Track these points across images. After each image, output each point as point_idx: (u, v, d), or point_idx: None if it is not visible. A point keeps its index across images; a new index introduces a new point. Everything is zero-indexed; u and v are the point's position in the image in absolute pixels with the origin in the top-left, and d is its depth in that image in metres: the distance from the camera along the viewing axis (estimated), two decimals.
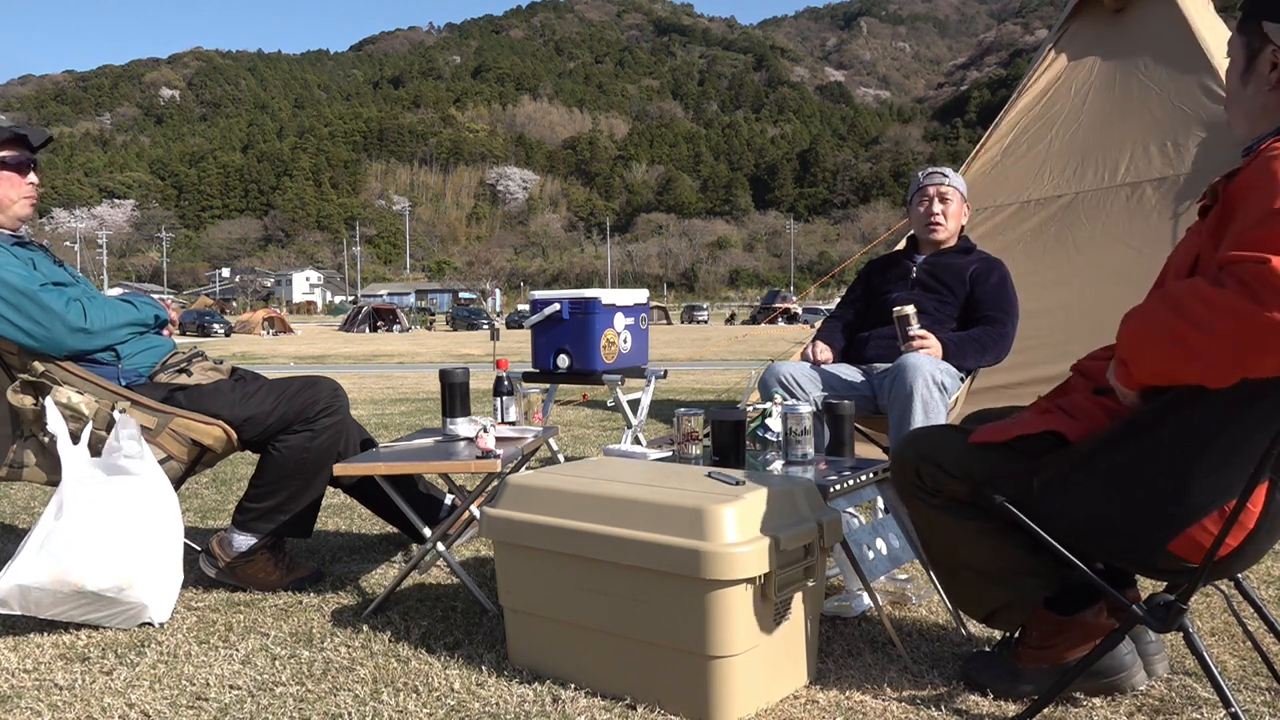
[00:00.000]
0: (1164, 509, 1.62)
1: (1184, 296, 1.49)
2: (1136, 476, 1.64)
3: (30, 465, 2.56)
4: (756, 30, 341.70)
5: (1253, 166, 1.54)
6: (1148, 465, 1.62)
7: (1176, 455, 1.60)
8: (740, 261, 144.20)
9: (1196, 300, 1.47)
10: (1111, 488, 1.66)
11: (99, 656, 2.19)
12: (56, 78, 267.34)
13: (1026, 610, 1.87)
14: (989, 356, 3.17)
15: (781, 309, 40.98)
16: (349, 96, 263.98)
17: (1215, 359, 1.46)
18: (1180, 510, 1.60)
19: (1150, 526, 1.63)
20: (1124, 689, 1.83)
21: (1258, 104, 1.65)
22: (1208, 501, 1.59)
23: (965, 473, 1.81)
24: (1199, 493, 1.59)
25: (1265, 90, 1.64)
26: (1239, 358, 1.44)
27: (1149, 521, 1.63)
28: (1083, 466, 1.69)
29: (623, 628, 1.88)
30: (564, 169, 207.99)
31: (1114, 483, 1.66)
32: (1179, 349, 1.50)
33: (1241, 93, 1.68)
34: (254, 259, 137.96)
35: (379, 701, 1.91)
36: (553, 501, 1.99)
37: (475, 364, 14.89)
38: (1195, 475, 1.59)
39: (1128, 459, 1.65)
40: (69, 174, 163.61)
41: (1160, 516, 1.62)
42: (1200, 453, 1.58)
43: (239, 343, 29.63)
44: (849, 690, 1.94)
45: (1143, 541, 1.65)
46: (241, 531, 2.68)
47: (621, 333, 4.22)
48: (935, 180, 3.40)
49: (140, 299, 2.82)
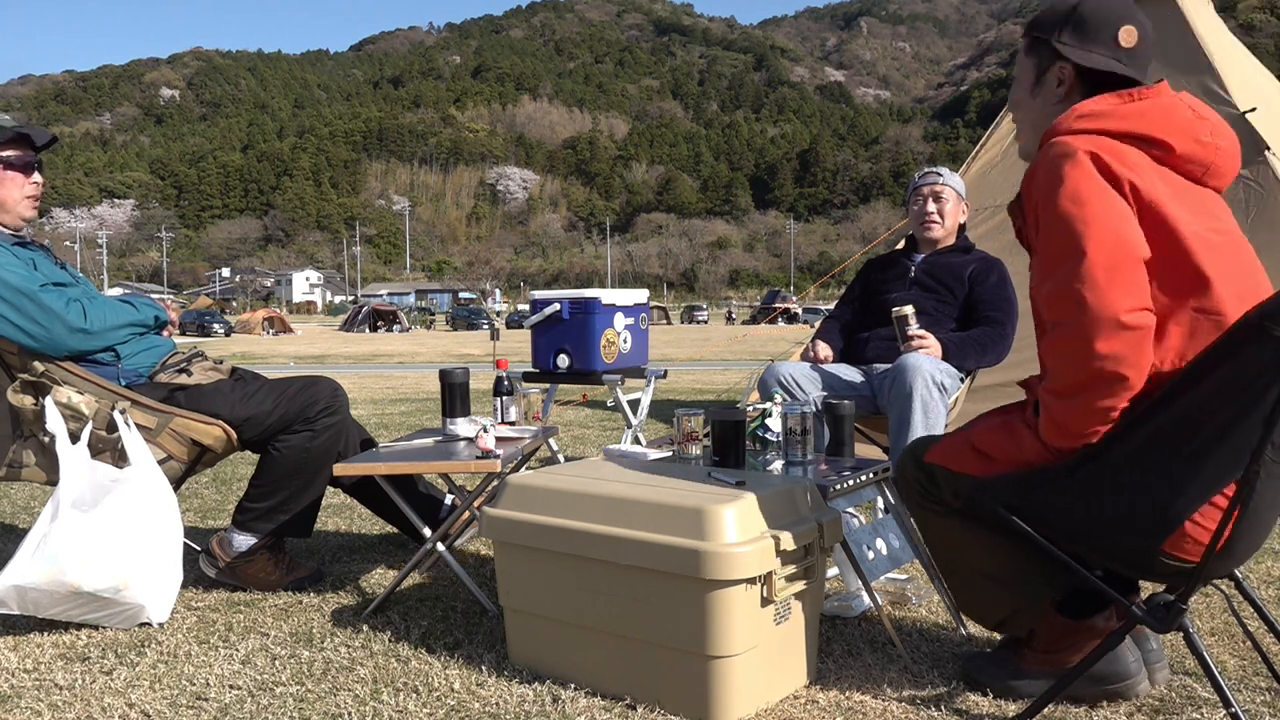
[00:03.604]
0: (1154, 508, 1.62)
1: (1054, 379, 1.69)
2: (1125, 478, 1.64)
3: (30, 465, 2.56)
4: (756, 30, 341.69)
5: (1038, 172, 1.70)
6: (1134, 467, 1.63)
7: (1161, 454, 1.61)
8: (740, 261, 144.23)
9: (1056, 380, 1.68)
10: (1103, 491, 1.66)
11: (99, 656, 2.19)
12: (56, 78, 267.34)
13: (1036, 614, 1.88)
14: (989, 357, 3.17)
15: (781, 309, 40.96)
16: (349, 96, 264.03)
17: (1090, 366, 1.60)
18: (1170, 508, 1.61)
19: (1143, 526, 1.63)
20: (1127, 696, 1.82)
21: (1045, 115, 1.83)
22: (1197, 496, 1.59)
23: (959, 487, 1.83)
24: (1187, 490, 1.60)
25: (1052, 104, 1.83)
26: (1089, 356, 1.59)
27: (1141, 521, 1.63)
28: (1075, 471, 1.70)
29: (623, 628, 1.88)
30: (564, 169, 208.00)
31: (1105, 486, 1.66)
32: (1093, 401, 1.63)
33: (1030, 105, 1.87)
34: (254, 259, 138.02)
35: (379, 701, 1.91)
36: (553, 501, 1.99)
37: (475, 364, 14.89)
38: (1181, 472, 1.59)
39: (1116, 461, 1.65)
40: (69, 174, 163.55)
41: (1151, 516, 1.62)
42: (1184, 450, 1.59)
43: (239, 343, 29.63)
44: (849, 690, 1.94)
45: (1137, 542, 1.65)
46: (241, 531, 2.68)
47: (621, 333, 4.21)
48: (930, 180, 3.41)
49: (140, 300, 2.82)
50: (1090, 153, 1.65)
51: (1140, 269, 1.61)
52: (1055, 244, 1.65)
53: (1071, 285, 1.60)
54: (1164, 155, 1.71)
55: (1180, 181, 1.72)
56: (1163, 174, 1.70)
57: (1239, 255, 1.71)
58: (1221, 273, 1.64)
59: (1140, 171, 1.66)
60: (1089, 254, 1.59)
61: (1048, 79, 1.84)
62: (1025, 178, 1.76)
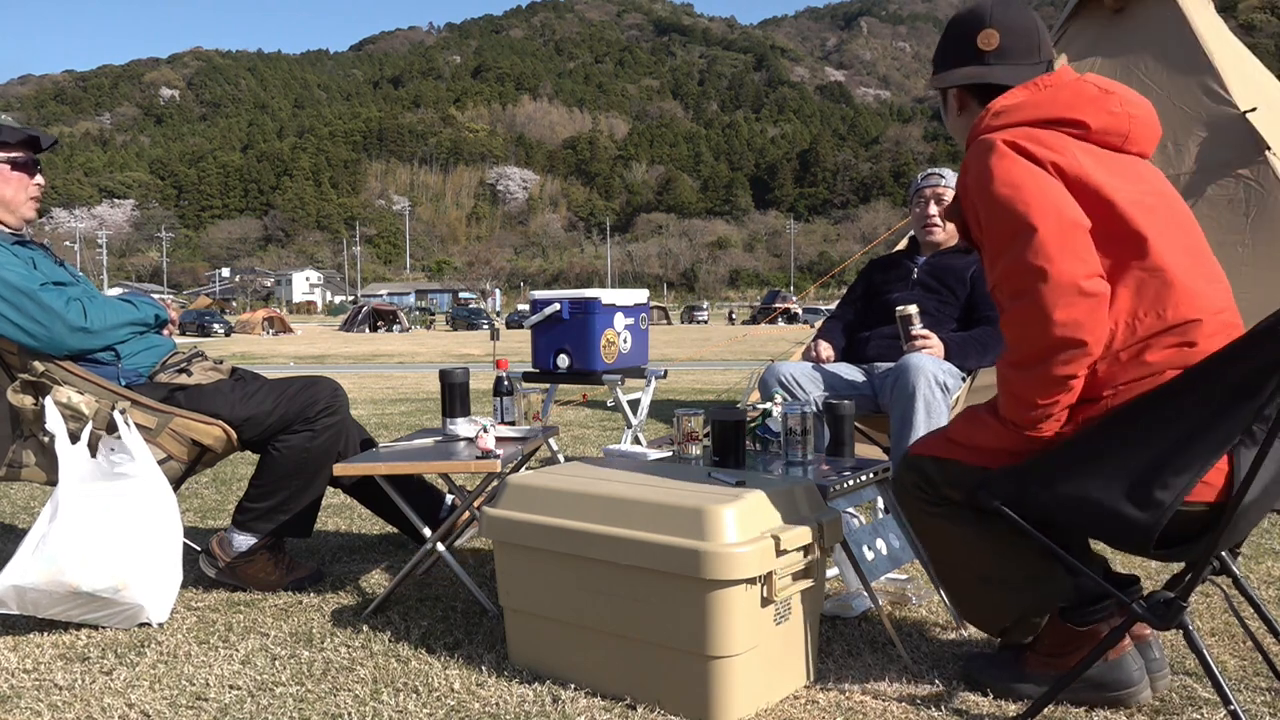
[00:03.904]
0: (1151, 480, 1.62)
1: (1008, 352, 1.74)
2: (1121, 453, 1.64)
3: (30, 465, 2.56)
4: (756, 30, 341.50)
5: (969, 171, 1.80)
6: (1131, 440, 1.64)
7: (1156, 429, 1.62)
8: (740, 261, 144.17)
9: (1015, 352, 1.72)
10: (1099, 468, 1.66)
11: (99, 656, 2.19)
12: (56, 78, 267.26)
13: (1041, 618, 1.88)
14: (991, 357, 3.17)
15: (781, 309, 40.95)
16: (349, 96, 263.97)
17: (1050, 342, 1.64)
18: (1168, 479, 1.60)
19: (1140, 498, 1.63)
20: (1129, 704, 1.82)
21: (959, 129, 2.01)
22: (1194, 464, 1.59)
23: (958, 481, 1.84)
24: (1183, 461, 1.59)
25: (955, 118, 2.01)
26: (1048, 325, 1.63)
27: (1139, 493, 1.63)
28: (1069, 452, 1.70)
29: (623, 628, 1.88)
30: (564, 169, 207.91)
31: (1101, 462, 1.66)
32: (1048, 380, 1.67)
33: (954, 128, 2.04)
34: (254, 259, 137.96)
35: (379, 701, 1.91)
36: (553, 501, 1.99)
37: (475, 364, 14.89)
38: (1176, 446, 1.60)
39: (1110, 439, 1.66)
40: (69, 174, 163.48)
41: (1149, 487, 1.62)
42: (1177, 423, 1.60)
43: (239, 343, 29.63)
44: (849, 690, 1.94)
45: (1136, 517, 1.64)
46: (241, 531, 2.68)
47: (621, 333, 4.21)
48: (932, 182, 3.40)
49: (140, 299, 2.82)
50: (1008, 141, 1.74)
51: (1087, 237, 1.67)
52: (1002, 229, 1.70)
53: (1026, 259, 1.65)
54: (1083, 133, 1.80)
55: (1104, 153, 1.79)
56: (1085, 149, 1.77)
57: (1174, 214, 1.79)
58: (1159, 231, 1.71)
59: (1061, 150, 1.74)
60: (1039, 229, 1.64)
61: (949, 104, 2.01)
62: (958, 182, 1.86)
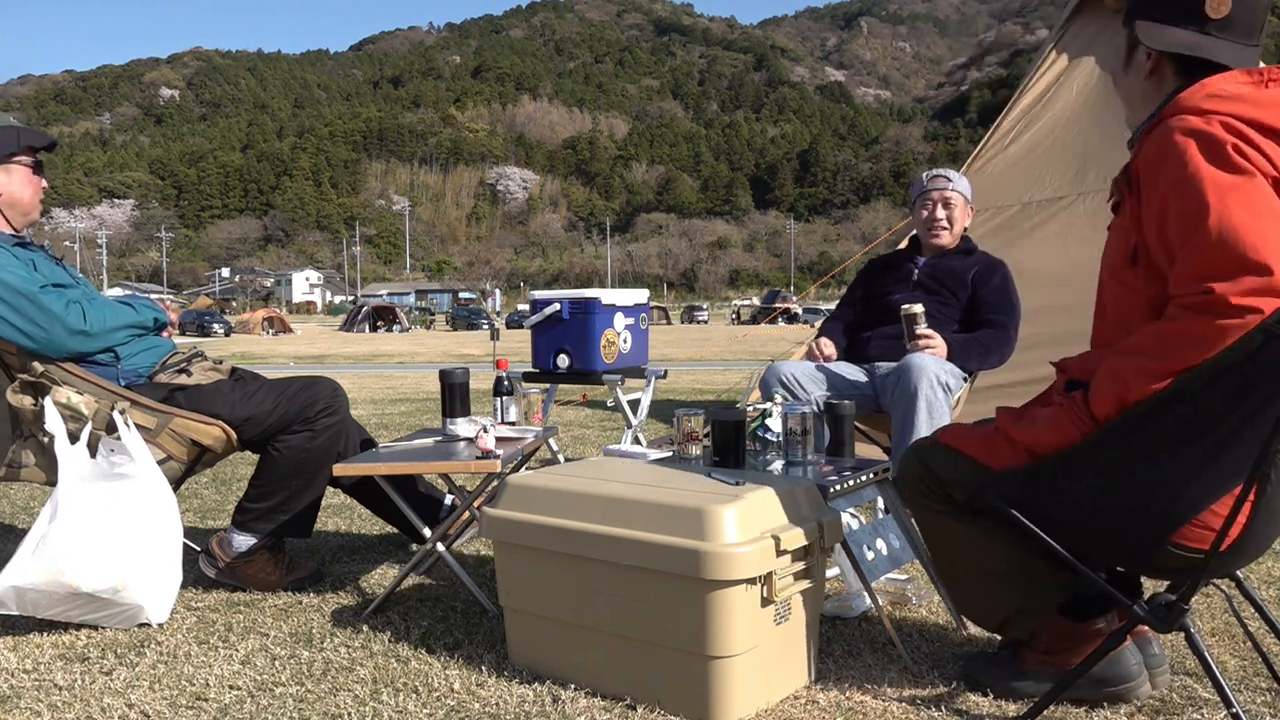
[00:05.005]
0: (1160, 503, 1.62)
1: (1144, 342, 1.61)
2: (1131, 472, 1.64)
3: (29, 465, 2.56)
4: (756, 30, 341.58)
5: (1149, 146, 1.64)
6: (1141, 460, 1.63)
7: (1169, 450, 1.60)
8: (740, 261, 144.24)
9: (1155, 342, 1.59)
10: (1107, 485, 1.66)
11: (99, 656, 2.19)
12: (56, 78, 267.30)
13: (1039, 616, 1.87)
14: (993, 358, 3.17)
15: (781, 309, 40.96)
16: (349, 96, 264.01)
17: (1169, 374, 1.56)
18: (1177, 504, 1.60)
19: (1147, 521, 1.63)
20: (1129, 698, 1.82)
21: (1136, 90, 1.80)
22: (1203, 495, 1.59)
23: (964, 478, 1.83)
24: (1194, 486, 1.59)
25: (1141, 78, 1.78)
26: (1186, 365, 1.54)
27: (1146, 516, 1.63)
28: (1078, 464, 1.69)
29: (623, 628, 1.88)
30: (564, 169, 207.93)
31: (1110, 479, 1.66)
32: (1146, 384, 1.59)
33: (1124, 81, 1.83)
34: (254, 259, 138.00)
35: (379, 701, 1.91)
36: (553, 501, 1.99)
37: (475, 364, 14.88)
38: (1189, 469, 1.59)
39: (1121, 455, 1.65)
40: (69, 174, 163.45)
41: (1157, 511, 1.62)
42: (1192, 447, 1.58)
43: (239, 343, 29.63)
44: (849, 690, 1.94)
45: (1141, 538, 1.65)
46: (241, 531, 2.68)
47: (621, 333, 4.21)
48: (939, 185, 3.37)
49: (140, 301, 2.82)
50: (1223, 138, 1.54)
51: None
52: (1189, 217, 1.54)
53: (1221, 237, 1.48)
54: None
55: None
56: None
57: None
58: None
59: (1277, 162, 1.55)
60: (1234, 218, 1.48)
61: (1136, 57, 1.76)
62: (1141, 154, 1.66)
